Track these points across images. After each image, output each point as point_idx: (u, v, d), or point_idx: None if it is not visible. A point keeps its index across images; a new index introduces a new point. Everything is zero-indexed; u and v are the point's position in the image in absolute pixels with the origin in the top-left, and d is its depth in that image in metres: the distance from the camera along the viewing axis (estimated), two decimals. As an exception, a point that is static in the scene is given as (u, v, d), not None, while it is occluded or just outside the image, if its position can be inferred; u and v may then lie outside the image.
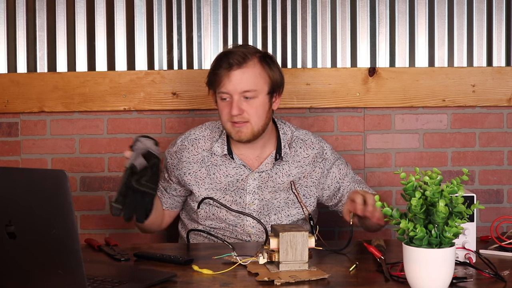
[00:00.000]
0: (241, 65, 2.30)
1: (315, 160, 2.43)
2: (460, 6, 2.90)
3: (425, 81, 2.90)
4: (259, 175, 2.39)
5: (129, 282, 1.69)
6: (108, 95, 2.90)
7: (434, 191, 1.58)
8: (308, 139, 2.47)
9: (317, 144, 2.46)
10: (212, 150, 2.41)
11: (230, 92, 2.31)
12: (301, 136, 2.47)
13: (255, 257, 1.85)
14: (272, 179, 2.39)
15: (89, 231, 2.94)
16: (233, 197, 2.37)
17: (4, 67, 2.90)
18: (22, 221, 1.51)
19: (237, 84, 2.30)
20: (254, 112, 2.32)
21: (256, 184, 2.38)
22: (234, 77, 2.30)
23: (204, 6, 2.89)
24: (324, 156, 2.45)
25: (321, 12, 2.91)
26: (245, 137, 2.34)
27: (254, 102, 2.32)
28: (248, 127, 2.33)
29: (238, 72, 2.30)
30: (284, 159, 2.41)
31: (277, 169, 2.40)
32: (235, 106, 2.30)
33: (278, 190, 2.38)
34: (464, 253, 1.86)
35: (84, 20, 2.90)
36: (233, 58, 2.31)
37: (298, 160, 2.42)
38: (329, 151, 2.48)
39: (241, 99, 2.31)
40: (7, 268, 1.58)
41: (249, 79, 2.31)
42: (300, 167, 2.42)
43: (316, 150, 2.45)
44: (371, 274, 1.81)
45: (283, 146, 2.41)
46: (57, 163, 2.93)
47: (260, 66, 2.34)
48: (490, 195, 2.96)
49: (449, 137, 2.96)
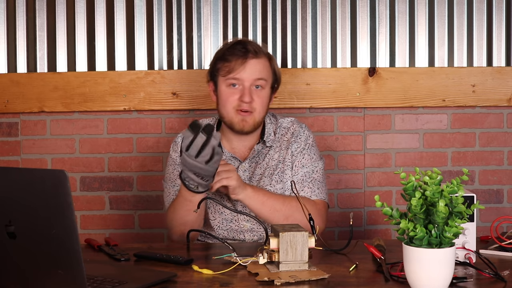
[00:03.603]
0: (257, 55, 2.36)
1: (289, 142, 2.44)
2: (460, 6, 2.90)
3: (425, 81, 2.90)
4: (249, 165, 2.41)
5: (129, 282, 1.69)
6: (108, 95, 2.90)
7: (434, 191, 1.58)
8: (291, 126, 2.47)
9: (296, 130, 2.46)
10: None
11: (243, 78, 2.33)
12: (285, 123, 2.49)
13: (255, 257, 1.85)
14: (259, 166, 2.41)
15: (89, 231, 2.94)
16: None
17: (4, 67, 2.90)
18: (22, 221, 1.51)
19: (252, 72, 2.34)
20: (260, 102, 2.36)
21: (247, 175, 2.39)
22: (250, 65, 2.34)
23: (204, 6, 2.90)
24: (296, 139, 2.44)
25: (321, 12, 2.91)
26: (248, 127, 2.37)
27: (262, 92, 2.36)
28: (252, 117, 2.36)
29: (253, 61, 2.34)
30: (267, 144, 2.42)
31: (263, 154, 2.42)
32: (248, 93, 2.33)
33: (263, 176, 2.39)
34: (464, 253, 1.86)
35: (84, 20, 2.90)
36: (250, 46, 2.36)
37: (280, 145, 2.44)
38: (305, 137, 2.45)
39: (251, 88, 2.34)
40: (7, 268, 1.58)
41: (263, 69, 2.37)
42: (279, 152, 2.42)
43: (300, 137, 2.44)
44: (371, 274, 1.81)
45: (269, 133, 2.43)
46: (57, 163, 2.93)
47: (268, 60, 2.40)
48: (490, 195, 2.96)
49: (449, 137, 2.96)
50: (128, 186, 2.96)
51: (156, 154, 2.93)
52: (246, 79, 2.33)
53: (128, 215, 2.97)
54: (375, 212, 2.97)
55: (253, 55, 2.35)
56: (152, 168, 2.93)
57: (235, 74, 2.34)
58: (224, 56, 2.38)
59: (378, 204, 1.63)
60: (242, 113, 2.34)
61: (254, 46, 2.38)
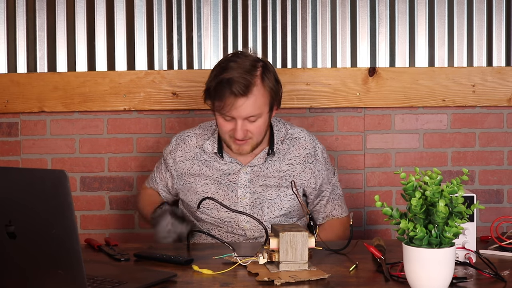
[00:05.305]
0: (246, 94, 2.27)
1: (306, 161, 2.44)
2: (460, 6, 2.90)
3: (425, 81, 2.90)
4: (251, 169, 2.40)
5: (129, 282, 1.69)
6: (108, 95, 2.90)
7: (434, 191, 1.58)
8: (302, 137, 2.47)
9: (310, 144, 2.47)
10: (203, 147, 2.45)
11: (235, 116, 2.30)
12: (295, 134, 2.48)
13: (255, 257, 1.85)
14: (263, 173, 2.40)
15: (89, 231, 2.94)
16: (225, 191, 2.38)
17: (4, 67, 2.90)
18: (22, 221, 1.51)
19: (242, 111, 2.29)
20: (257, 131, 2.34)
21: (248, 178, 2.39)
22: (239, 104, 2.28)
23: (204, 6, 2.89)
24: (316, 157, 2.46)
25: (321, 12, 2.91)
26: (246, 152, 2.38)
27: (257, 122, 2.33)
28: (250, 143, 2.36)
29: (242, 100, 2.28)
30: (276, 155, 2.42)
31: (269, 164, 2.42)
32: (240, 130, 2.30)
33: (269, 185, 2.39)
34: (464, 253, 1.86)
35: (84, 20, 2.90)
36: (237, 87, 2.27)
37: (290, 158, 2.43)
38: (321, 152, 2.49)
39: (244, 122, 2.31)
40: (7, 268, 1.58)
41: (254, 105, 2.30)
42: (290, 165, 2.42)
43: (308, 150, 2.46)
44: (371, 274, 1.81)
45: (276, 142, 2.43)
46: (57, 163, 2.93)
47: (262, 86, 2.31)
48: (490, 195, 2.96)
49: (449, 137, 2.95)
50: (128, 186, 2.96)
51: (156, 154, 2.93)
52: (238, 117, 2.30)
53: (128, 215, 2.97)
54: (375, 212, 2.97)
55: (242, 95, 2.27)
56: (152, 168, 2.93)
57: (225, 111, 2.29)
58: (214, 91, 2.32)
59: (378, 204, 1.63)
60: (238, 142, 2.34)
61: (243, 85, 2.27)
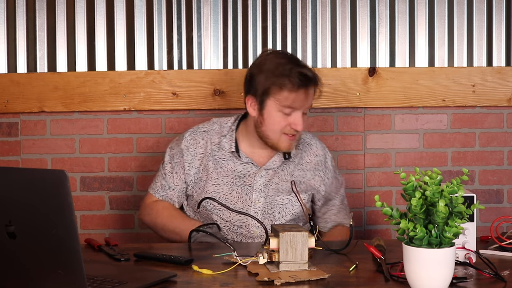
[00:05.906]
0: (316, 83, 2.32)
1: (316, 168, 2.45)
2: (460, 6, 2.90)
3: (425, 81, 2.90)
4: (266, 172, 2.39)
5: (129, 282, 1.69)
6: (108, 95, 2.90)
7: (434, 191, 1.58)
8: (314, 144, 2.49)
9: (321, 151, 2.49)
10: (221, 144, 2.41)
11: (298, 107, 2.31)
12: (307, 139, 2.50)
13: (255, 257, 1.85)
14: (278, 176, 2.40)
15: (89, 231, 2.94)
16: (240, 193, 2.36)
17: (4, 67, 2.90)
18: (22, 221, 1.51)
19: (308, 101, 2.33)
20: (305, 125, 2.37)
21: (263, 181, 2.38)
22: (308, 94, 2.31)
23: (204, 6, 2.89)
24: (326, 165, 2.48)
25: (321, 12, 2.91)
26: (293, 148, 2.39)
27: (305, 116, 2.37)
28: (296, 138, 2.38)
29: (311, 89, 2.32)
30: (291, 159, 2.42)
31: (284, 167, 2.42)
32: (300, 123, 2.31)
33: (281, 189, 2.38)
34: (464, 253, 1.86)
35: (84, 20, 2.90)
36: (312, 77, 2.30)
37: (301, 163, 2.44)
38: (330, 160, 2.52)
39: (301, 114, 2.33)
40: (7, 268, 1.58)
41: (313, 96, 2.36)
42: (301, 170, 2.43)
43: (319, 158, 2.47)
44: (371, 274, 1.81)
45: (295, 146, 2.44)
46: (57, 163, 2.93)
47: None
48: (490, 195, 2.96)
49: (449, 137, 2.96)
50: (128, 186, 2.96)
51: (156, 154, 2.93)
52: (300, 108, 2.31)
53: (128, 215, 2.97)
54: (375, 212, 2.97)
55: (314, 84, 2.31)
56: (152, 168, 2.93)
57: (290, 102, 2.29)
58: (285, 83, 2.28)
59: (378, 204, 1.63)
60: (290, 137, 2.34)
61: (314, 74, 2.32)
